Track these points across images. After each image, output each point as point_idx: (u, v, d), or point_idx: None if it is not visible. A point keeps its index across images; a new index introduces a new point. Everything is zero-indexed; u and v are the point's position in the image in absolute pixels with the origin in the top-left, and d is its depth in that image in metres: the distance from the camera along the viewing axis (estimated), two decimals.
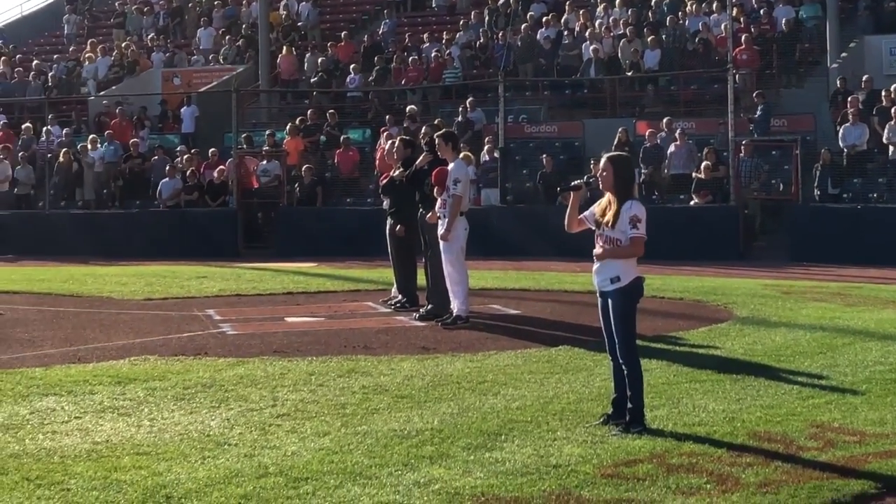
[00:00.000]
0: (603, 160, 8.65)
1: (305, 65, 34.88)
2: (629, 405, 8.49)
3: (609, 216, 8.45)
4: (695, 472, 7.34)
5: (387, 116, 30.00)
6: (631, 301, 8.54)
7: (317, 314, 15.55)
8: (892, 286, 18.16)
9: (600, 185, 8.60)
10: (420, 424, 8.62)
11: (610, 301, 8.54)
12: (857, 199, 24.23)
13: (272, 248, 27.03)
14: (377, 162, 27.68)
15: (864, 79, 26.69)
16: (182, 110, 33.61)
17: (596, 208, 8.63)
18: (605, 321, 8.65)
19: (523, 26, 32.78)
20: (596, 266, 8.60)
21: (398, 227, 15.40)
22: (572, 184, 8.92)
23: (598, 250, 8.55)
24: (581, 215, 8.74)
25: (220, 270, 22.19)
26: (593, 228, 8.63)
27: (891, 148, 24.59)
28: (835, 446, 8.00)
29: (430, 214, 14.48)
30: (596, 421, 8.66)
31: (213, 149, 29.87)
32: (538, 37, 32.52)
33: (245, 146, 29.29)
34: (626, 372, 8.53)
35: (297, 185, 28.29)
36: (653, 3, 33.26)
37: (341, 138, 29.61)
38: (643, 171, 25.36)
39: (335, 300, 17.21)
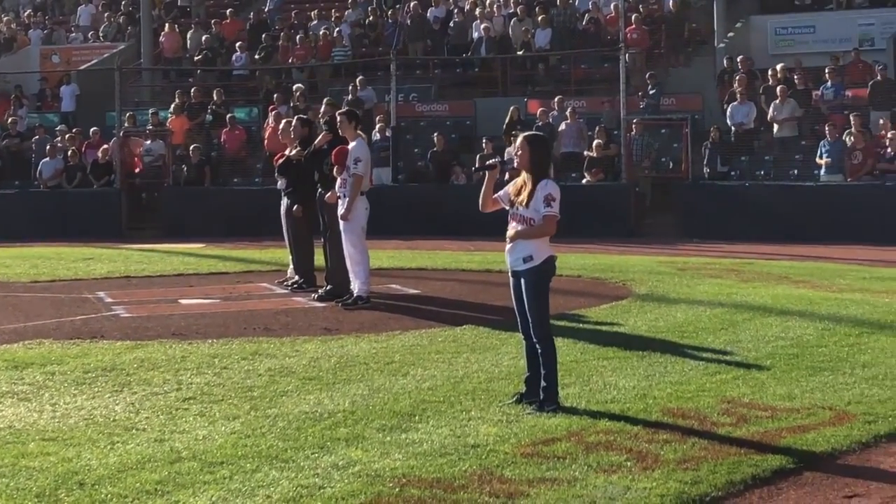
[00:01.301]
0: (520, 140, 8.56)
1: (189, 42, 34.28)
2: (543, 383, 8.44)
3: (524, 195, 8.37)
4: (614, 449, 7.31)
5: (275, 95, 29.66)
6: (544, 280, 8.49)
7: (211, 296, 15.25)
8: (783, 262, 18.47)
9: (516, 165, 8.51)
10: (331, 406, 8.47)
11: (523, 280, 8.46)
12: (744, 177, 24.60)
13: (157, 230, 26.54)
14: (266, 141, 27.55)
15: (738, 59, 26.94)
16: (62, 89, 32.82)
17: (511, 188, 8.54)
18: (517, 300, 8.57)
19: (412, 4, 32.58)
20: (509, 246, 8.52)
21: (296, 207, 15.17)
22: (487, 163, 8.85)
23: (510, 231, 8.47)
24: (495, 195, 8.64)
25: (106, 252, 21.70)
26: (507, 208, 8.54)
27: (776, 126, 24.97)
28: (748, 422, 8.04)
29: (328, 194, 14.29)
30: (509, 400, 8.59)
31: (94, 128, 29.20)
32: (428, 15, 32.35)
33: (128, 125, 28.67)
34: (540, 350, 8.48)
35: (183, 164, 27.82)
36: None
37: (227, 117, 29.16)
38: None
39: (228, 281, 16.89)
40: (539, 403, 8.37)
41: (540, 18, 30.51)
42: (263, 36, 33.35)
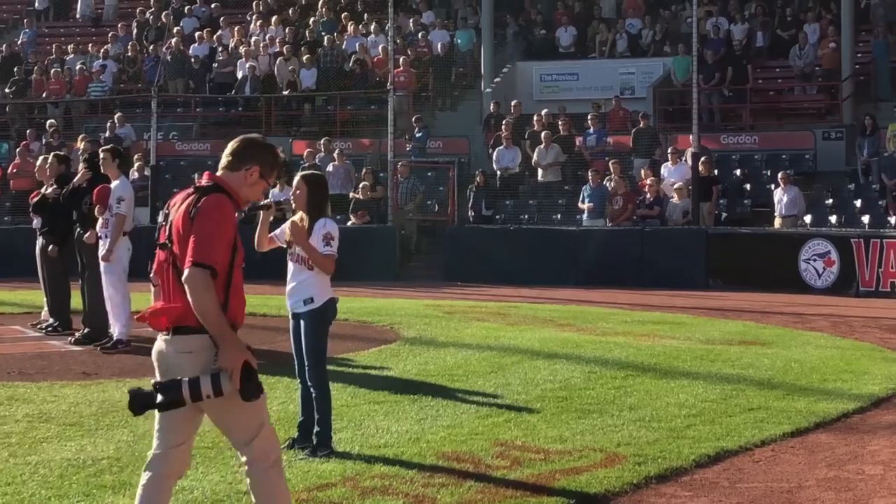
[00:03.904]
0: (296, 179, 8.44)
1: None
2: (317, 428, 8.28)
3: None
4: (390, 493, 7.21)
5: (27, 131, 28.73)
6: (324, 323, 8.39)
7: None
8: (547, 305, 18.71)
9: (293, 205, 8.34)
10: (95, 453, 8.11)
11: (303, 322, 8.29)
12: (509, 220, 24.96)
13: None
14: (10, 179, 26.63)
15: (513, 103, 27.52)
16: None
17: (287, 226, 8.36)
18: (296, 344, 8.41)
19: (173, 41, 32.02)
20: (289, 287, 8.35)
21: (51, 247, 14.59)
22: (261, 203, 8.63)
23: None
24: (272, 234, 8.45)
25: None
26: (284, 247, 8.36)
27: (540, 171, 25.48)
28: (522, 464, 8.04)
29: (87, 234, 13.80)
30: (281, 445, 8.34)
31: None
32: (190, 52, 31.81)
33: None
34: (314, 394, 8.30)
35: None
36: (310, 22, 33.18)
37: None
38: None
39: None
40: (312, 448, 8.20)
41: (306, 58, 30.37)
42: (15, 69, 32.28)
